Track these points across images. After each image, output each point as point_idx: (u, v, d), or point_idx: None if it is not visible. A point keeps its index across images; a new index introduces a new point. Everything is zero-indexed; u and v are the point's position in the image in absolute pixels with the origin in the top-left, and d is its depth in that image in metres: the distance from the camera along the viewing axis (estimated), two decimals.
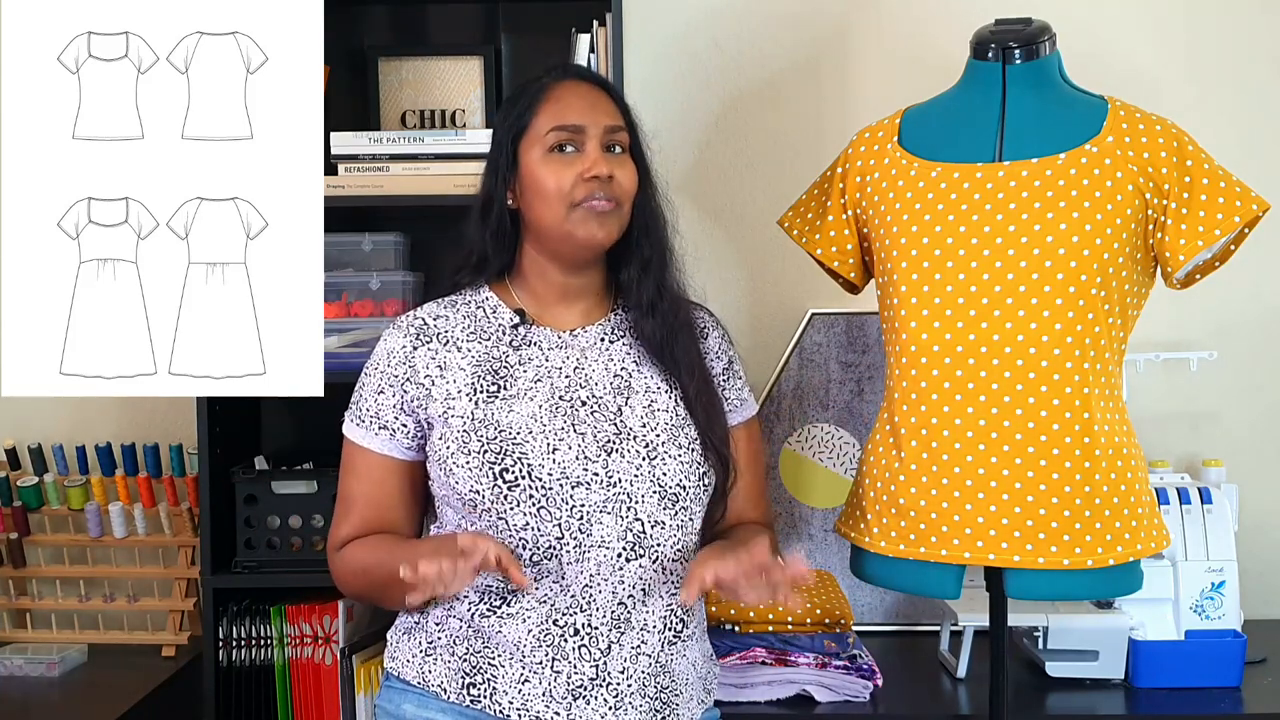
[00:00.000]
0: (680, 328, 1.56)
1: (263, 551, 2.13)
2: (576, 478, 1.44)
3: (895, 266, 1.68)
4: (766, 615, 2.02)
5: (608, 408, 1.50)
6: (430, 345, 1.52)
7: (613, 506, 1.45)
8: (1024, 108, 1.69)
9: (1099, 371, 1.62)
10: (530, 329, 1.54)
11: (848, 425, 2.36)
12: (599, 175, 1.47)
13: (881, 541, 1.70)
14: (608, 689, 1.45)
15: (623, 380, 1.53)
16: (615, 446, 1.47)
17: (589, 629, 1.44)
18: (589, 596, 1.44)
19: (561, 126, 1.49)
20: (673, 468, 1.48)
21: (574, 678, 1.44)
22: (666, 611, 1.48)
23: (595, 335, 1.56)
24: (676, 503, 1.48)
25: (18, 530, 2.35)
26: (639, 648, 1.46)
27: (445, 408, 1.49)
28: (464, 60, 2.35)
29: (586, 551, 1.44)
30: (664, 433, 1.49)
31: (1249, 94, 2.41)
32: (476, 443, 1.45)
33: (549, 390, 1.49)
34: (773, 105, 2.44)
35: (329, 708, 2.10)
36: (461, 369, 1.51)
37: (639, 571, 1.46)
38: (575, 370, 1.52)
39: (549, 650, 1.44)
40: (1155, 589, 1.96)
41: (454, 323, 1.54)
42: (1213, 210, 1.60)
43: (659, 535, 1.47)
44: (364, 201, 2.10)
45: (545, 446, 1.45)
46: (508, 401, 1.48)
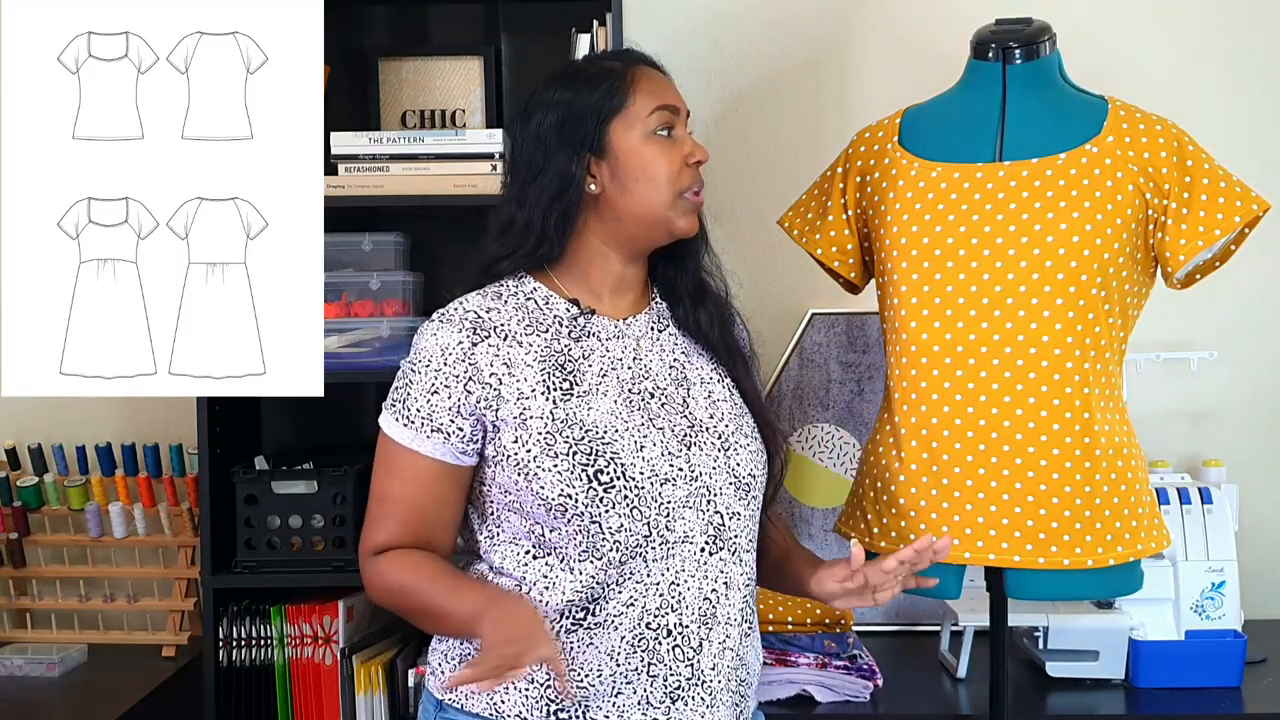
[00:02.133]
0: (728, 318, 1.56)
1: (263, 551, 2.13)
2: (664, 474, 1.40)
3: (895, 266, 1.68)
4: (766, 615, 2.02)
5: (674, 400, 1.46)
6: (489, 340, 1.42)
7: (695, 501, 1.42)
8: (1024, 108, 1.69)
9: (1099, 371, 1.62)
10: (589, 319, 1.47)
11: (848, 425, 2.36)
12: (702, 160, 1.47)
13: (882, 541, 1.69)
14: (703, 687, 1.41)
15: (678, 371, 1.49)
16: (692, 439, 1.44)
17: (680, 628, 1.40)
18: (677, 594, 1.40)
19: (665, 106, 1.46)
20: (744, 457, 1.46)
21: (670, 680, 1.40)
22: (743, 604, 1.46)
23: (645, 324, 1.51)
24: (749, 492, 1.47)
25: (18, 530, 2.35)
26: (724, 642, 1.43)
27: (520, 408, 1.39)
28: (464, 60, 2.35)
29: (672, 548, 1.40)
30: (730, 423, 1.48)
31: (1249, 94, 2.41)
32: (563, 444, 1.37)
33: (617, 384, 1.44)
34: (773, 105, 2.44)
35: (329, 708, 2.10)
36: (529, 365, 1.41)
37: (720, 565, 1.43)
38: (635, 361, 1.47)
39: (644, 655, 1.39)
40: (1155, 589, 1.96)
41: (507, 315, 1.44)
42: (1213, 210, 1.60)
43: (736, 526, 1.45)
44: (364, 201, 2.10)
45: (633, 444, 1.40)
46: (584, 398, 1.41)
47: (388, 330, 2.11)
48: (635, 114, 1.45)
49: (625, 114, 1.45)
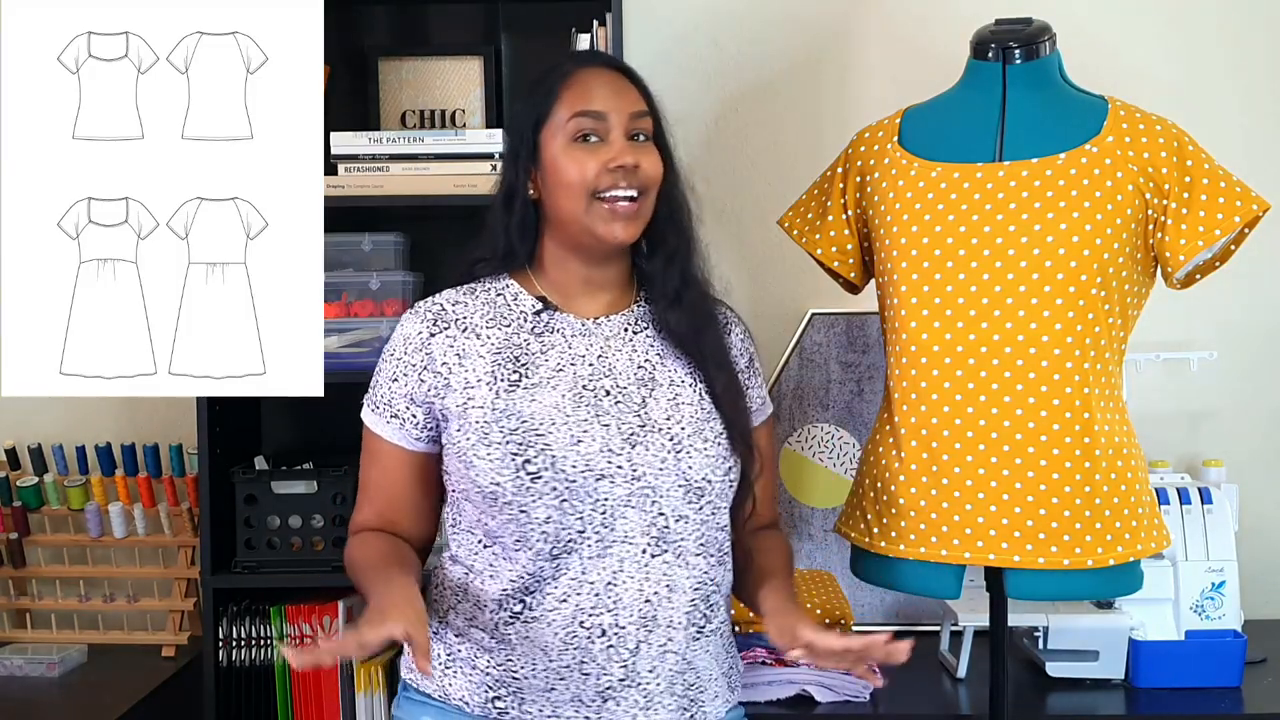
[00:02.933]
0: (706, 320, 1.53)
1: (263, 551, 2.13)
2: (600, 470, 1.41)
3: (895, 266, 1.68)
4: None
5: (632, 399, 1.46)
6: (448, 332, 1.48)
7: (637, 500, 1.42)
8: (1024, 108, 1.69)
9: (1099, 371, 1.62)
10: (553, 315, 1.50)
11: (848, 425, 2.36)
12: (624, 164, 1.43)
13: (881, 541, 1.69)
14: (638, 689, 1.42)
15: (647, 372, 1.49)
16: (640, 439, 1.44)
17: (616, 629, 1.41)
18: (614, 595, 1.41)
19: (584, 113, 1.45)
20: (698, 461, 1.45)
21: (603, 679, 1.41)
22: (690, 607, 1.45)
23: (619, 325, 1.52)
24: (702, 496, 1.45)
25: (18, 530, 2.35)
26: (665, 645, 1.43)
27: (464, 398, 1.45)
28: (464, 60, 2.35)
29: (609, 547, 1.41)
30: (689, 425, 1.46)
31: (1249, 93, 2.41)
32: (498, 433, 1.41)
33: (572, 379, 1.46)
34: (773, 105, 2.44)
35: (329, 708, 2.10)
36: (481, 357, 1.46)
37: (663, 567, 1.43)
38: (599, 359, 1.48)
39: (576, 653, 1.41)
40: (1155, 589, 1.96)
41: (473, 309, 1.51)
42: (1213, 210, 1.60)
43: (683, 530, 1.44)
44: (364, 201, 2.10)
45: (569, 438, 1.41)
46: (530, 390, 1.44)
47: (388, 330, 2.11)
48: (557, 121, 1.47)
49: (550, 122, 1.48)
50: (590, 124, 1.45)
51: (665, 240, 1.52)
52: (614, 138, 1.46)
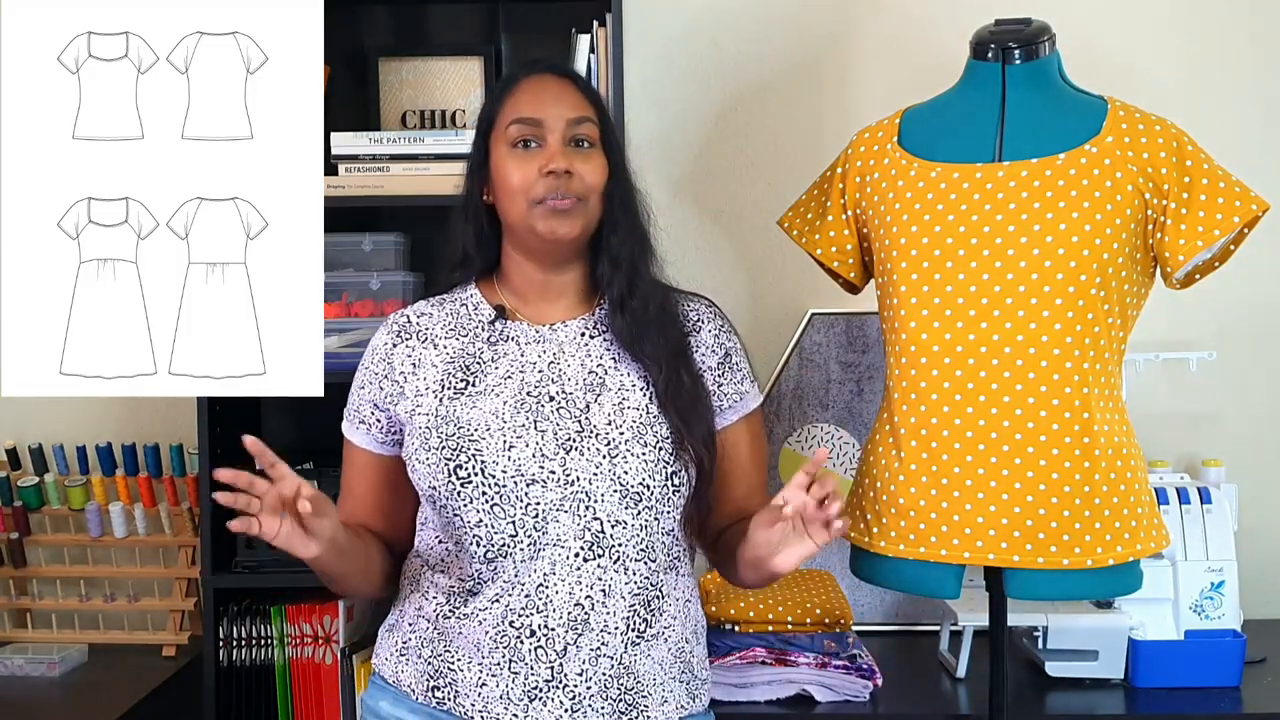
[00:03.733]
0: (650, 324, 1.52)
1: (263, 551, 2.13)
2: (531, 475, 1.43)
3: (895, 266, 1.68)
4: (766, 615, 2.02)
5: (575, 404, 1.48)
6: (409, 343, 1.55)
7: (570, 505, 1.43)
8: (1024, 108, 1.69)
9: (1099, 371, 1.62)
10: (506, 324, 1.54)
11: (848, 425, 2.36)
12: (555, 169, 1.46)
13: (881, 541, 1.70)
14: (564, 691, 1.43)
15: (597, 377, 1.50)
16: (575, 444, 1.45)
17: (545, 630, 1.43)
18: (544, 597, 1.43)
19: (520, 119, 1.49)
20: (635, 466, 1.45)
21: (530, 679, 1.43)
22: (629, 612, 1.45)
23: (575, 330, 1.54)
24: (639, 502, 1.45)
25: (18, 530, 2.35)
26: (599, 649, 1.44)
27: (414, 405, 1.51)
28: (464, 60, 2.35)
29: (541, 550, 1.43)
30: (629, 430, 1.46)
31: (1249, 93, 2.41)
32: (435, 439, 1.47)
33: (518, 386, 1.49)
34: (773, 105, 2.44)
35: (329, 708, 2.10)
36: (434, 366, 1.52)
37: (597, 572, 1.44)
38: (550, 366, 1.51)
39: (505, 652, 1.44)
40: (1155, 589, 1.96)
41: (437, 320, 1.56)
42: (1212, 210, 1.60)
43: (620, 535, 1.44)
44: (364, 201, 2.10)
45: (501, 443, 1.45)
46: (472, 398, 1.48)
47: None
48: (500, 128, 1.52)
49: (496, 127, 1.53)
50: (528, 130, 1.49)
51: (610, 245, 1.54)
52: (550, 142, 1.49)
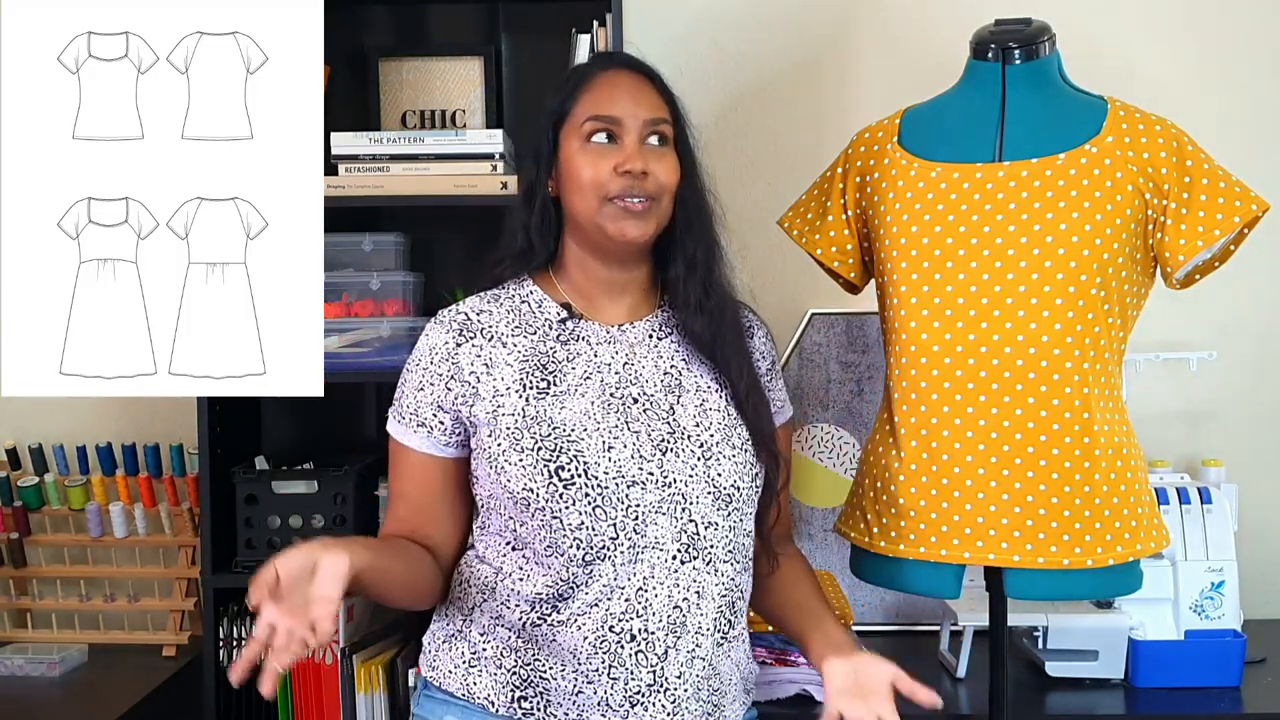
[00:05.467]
0: (730, 326, 1.53)
1: (263, 551, 2.13)
2: (632, 477, 1.41)
3: (895, 266, 1.68)
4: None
5: (660, 406, 1.46)
6: (475, 341, 1.48)
7: (668, 507, 1.41)
8: (1024, 108, 1.69)
9: (1099, 371, 1.62)
10: (578, 323, 1.50)
11: (848, 425, 2.36)
12: (632, 170, 1.43)
13: (881, 541, 1.70)
14: (665, 694, 1.41)
15: (673, 378, 1.49)
16: (670, 446, 1.44)
17: (645, 634, 1.40)
18: (644, 601, 1.40)
19: (597, 116, 1.46)
20: (727, 468, 1.45)
21: (631, 684, 1.40)
22: (718, 614, 1.45)
23: (644, 331, 1.52)
24: (730, 503, 1.45)
25: (18, 530, 2.36)
26: (694, 651, 1.43)
27: (494, 405, 1.44)
28: (464, 60, 2.35)
29: (640, 553, 1.40)
30: (718, 432, 1.46)
31: (1249, 94, 2.41)
32: (529, 439, 1.41)
33: (599, 386, 1.46)
34: (773, 105, 2.44)
35: (329, 708, 2.10)
36: (509, 365, 1.46)
37: (693, 574, 1.42)
38: (625, 366, 1.48)
39: (606, 657, 1.40)
40: (1155, 589, 1.96)
41: (498, 317, 1.50)
42: (1212, 210, 1.60)
43: (713, 536, 1.44)
44: (364, 201, 2.10)
45: (600, 444, 1.41)
46: (559, 398, 1.44)
47: (388, 330, 2.11)
48: (574, 121, 1.48)
49: (569, 121, 1.49)
50: (603, 126, 1.46)
51: (685, 246, 1.52)
52: (627, 141, 1.46)
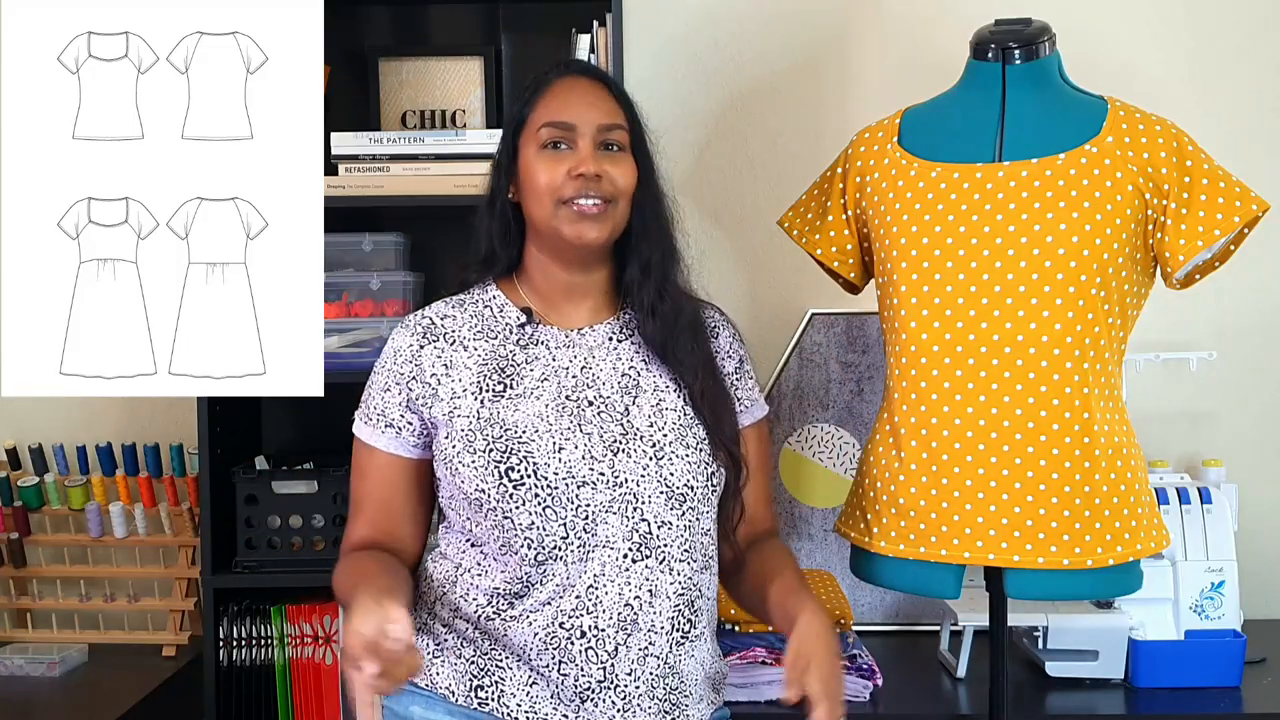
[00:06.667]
0: (682, 329, 1.54)
1: (263, 551, 2.13)
2: (582, 477, 1.43)
3: (895, 266, 1.68)
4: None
5: (615, 407, 1.49)
6: (437, 344, 1.52)
7: (618, 507, 1.44)
8: (1024, 108, 1.69)
9: (1099, 371, 1.62)
10: (537, 328, 1.53)
11: (848, 425, 2.36)
12: (585, 173, 1.46)
13: (881, 541, 1.70)
14: (615, 691, 1.44)
15: (630, 380, 1.52)
16: (622, 446, 1.46)
17: (596, 631, 1.43)
18: (595, 598, 1.43)
19: (552, 123, 1.50)
20: (680, 467, 1.47)
21: (581, 680, 1.43)
22: (674, 612, 1.46)
23: (603, 334, 1.55)
24: (684, 503, 1.47)
25: (18, 530, 2.35)
26: (646, 649, 1.45)
27: (451, 407, 1.48)
28: (464, 60, 2.35)
29: (591, 552, 1.43)
30: (671, 432, 1.48)
31: (1249, 94, 2.41)
32: (482, 441, 1.45)
33: (556, 389, 1.49)
34: (773, 105, 2.44)
35: (329, 708, 2.10)
36: (467, 368, 1.50)
37: (645, 572, 1.44)
38: (583, 370, 1.51)
39: (556, 653, 1.43)
40: (1155, 589, 1.96)
41: (461, 322, 1.54)
42: (1212, 210, 1.60)
43: (666, 535, 1.45)
44: (364, 201, 2.10)
45: (551, 445, 1.44)
46: (514, 400, 1.47)
47: (388, 330, 2.09)
48: (531, 128, 1.52)
49: (526, 128, 1.53)
50: (559, 133, 1.50)
51: (640, 250, 1.55)
52: (581, 146, 1.49)
